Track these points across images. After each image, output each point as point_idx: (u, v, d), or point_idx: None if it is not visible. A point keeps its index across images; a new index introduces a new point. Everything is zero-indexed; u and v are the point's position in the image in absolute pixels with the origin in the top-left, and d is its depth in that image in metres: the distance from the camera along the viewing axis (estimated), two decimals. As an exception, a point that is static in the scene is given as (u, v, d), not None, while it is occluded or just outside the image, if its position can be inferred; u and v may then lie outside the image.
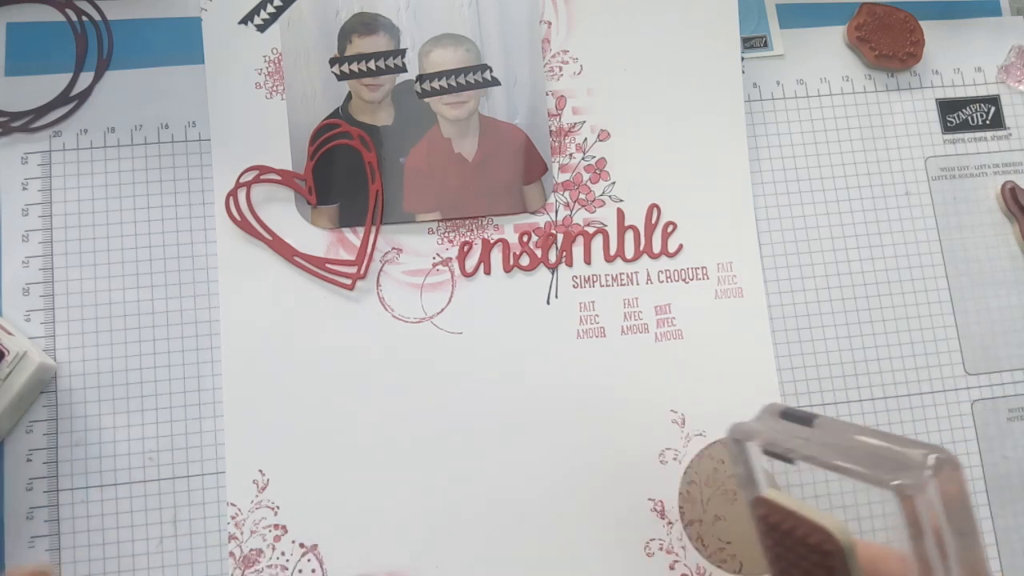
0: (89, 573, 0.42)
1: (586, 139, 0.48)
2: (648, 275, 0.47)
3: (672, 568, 0.43)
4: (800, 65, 0.50)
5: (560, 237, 0.47)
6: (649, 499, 0.44)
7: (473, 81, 0.47)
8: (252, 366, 0.44)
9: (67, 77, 0.46)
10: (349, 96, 0.46)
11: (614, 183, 0.47)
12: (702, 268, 0.47)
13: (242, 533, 0.42)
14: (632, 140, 0.48)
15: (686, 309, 0.46)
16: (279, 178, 0.46)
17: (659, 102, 0.48)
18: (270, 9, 0.47)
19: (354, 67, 0.46)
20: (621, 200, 0.47)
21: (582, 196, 0.47)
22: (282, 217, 0.46)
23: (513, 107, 0.47)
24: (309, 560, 0.42)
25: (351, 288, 0.45)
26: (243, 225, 0.45)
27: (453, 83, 0.47)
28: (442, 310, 0.46)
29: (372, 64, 0.47)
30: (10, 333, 0.42)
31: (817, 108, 0.50)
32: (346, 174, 0.46)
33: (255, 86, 0.46)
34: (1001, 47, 0.52)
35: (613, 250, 0.47)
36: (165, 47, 0.47)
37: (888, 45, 0.50)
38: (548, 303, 0.46)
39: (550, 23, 0.48)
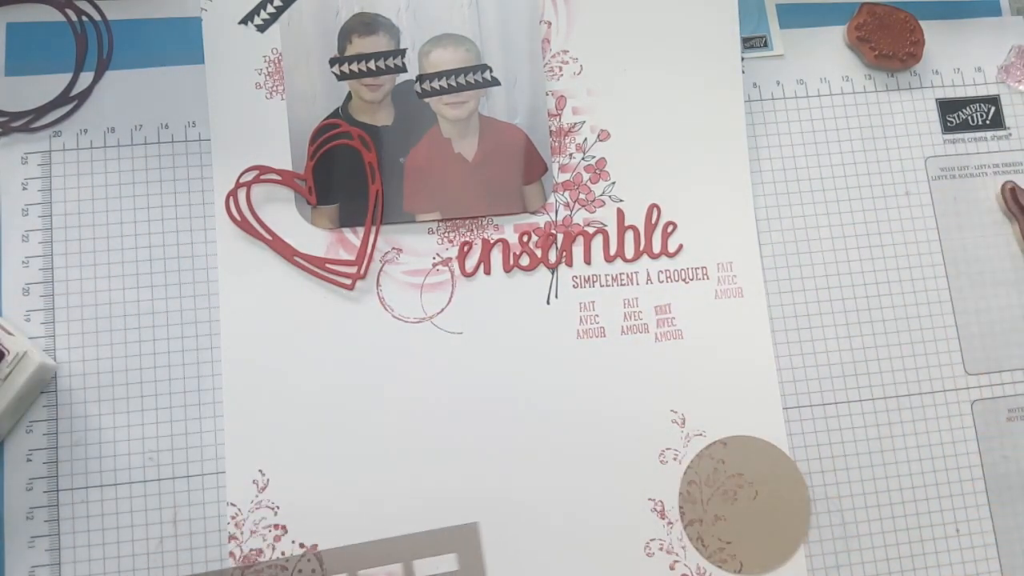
0: (89, 573, 0.42)
1: (586, 139, 0.48)
2: (648, 275, 0.47)
3: (672, 568, 0.43)
4: (800, 65, 0.50)
5: (560, 237, 0.47)
6: (649, 499, 0.44)
7: (473, 81, 0.47)
8: (252, 366, 0.44)
9: (67, 77, 0.46)
10: (349, 96, 0.46)
11: (614, 183, 0.47)
12: (702, 268, 0.47)
13: (242, 533, 0.42)
14: (632, 140, 0.48)
15: (686, 309, 0.46)
16: (279, 178, 0.46)
17: (659, 102, 0.48)
18: (270, 9, 0.46)
19: (354, 67, 0.46)
20: (621, 200, 0.47)
21: (582, 196, 0.47)
22: (282, 217, 0.46)
23: (513, 107, 0.47)
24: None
25: (351, 288, 0.45)
26: (243, 225, 0.45)
27: (453, 83, 0.47)
28: (442, 310, 0.46)
29: (372, 64, 0.46)
30: (10, 333, 0.42)
31: (817, 108, 0.50)
32: (346, 174, 0.46)
33: (255, 86, 0.46)
34: (1001, 47, 0.52)
35: (613, 250, 0.47)
36: (165, 47, 0.47)
37: (888, 45, 0.50)
38: (548, 303, 0.46)
39: (550, 23, 0.48)
